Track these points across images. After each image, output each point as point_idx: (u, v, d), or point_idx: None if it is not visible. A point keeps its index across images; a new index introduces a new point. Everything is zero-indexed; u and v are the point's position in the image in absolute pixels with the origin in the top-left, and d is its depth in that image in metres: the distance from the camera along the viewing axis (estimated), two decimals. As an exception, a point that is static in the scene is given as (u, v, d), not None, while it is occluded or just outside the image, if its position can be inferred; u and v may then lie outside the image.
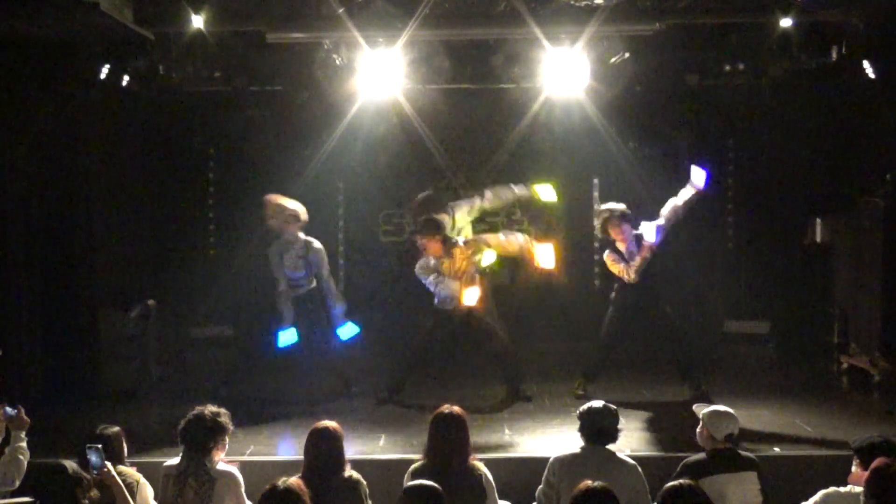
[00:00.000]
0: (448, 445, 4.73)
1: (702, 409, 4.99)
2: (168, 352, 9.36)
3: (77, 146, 8.48)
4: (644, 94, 9.22)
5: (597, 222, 7.81)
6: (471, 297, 7.44)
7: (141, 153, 9.72)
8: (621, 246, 7.61)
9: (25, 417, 5.06)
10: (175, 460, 4.91)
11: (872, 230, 8.71)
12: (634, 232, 7.59)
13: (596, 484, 3.82)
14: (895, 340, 8.33)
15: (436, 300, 7.63)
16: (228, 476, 4.85)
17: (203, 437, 4.84)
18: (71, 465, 5.01)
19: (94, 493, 4.82)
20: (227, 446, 4.98)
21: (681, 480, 3.94)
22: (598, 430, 4.86)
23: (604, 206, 7.79)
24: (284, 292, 7.79)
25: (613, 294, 7.79)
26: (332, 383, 8.13)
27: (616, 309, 7.75)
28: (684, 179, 7.63)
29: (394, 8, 7.54)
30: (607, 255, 7.67)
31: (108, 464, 4.76)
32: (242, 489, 4.87)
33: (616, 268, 7.58)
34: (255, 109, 9.68)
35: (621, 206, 7.66)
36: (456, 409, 4.87)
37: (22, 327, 7.86)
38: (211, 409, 4.94)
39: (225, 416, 4.95)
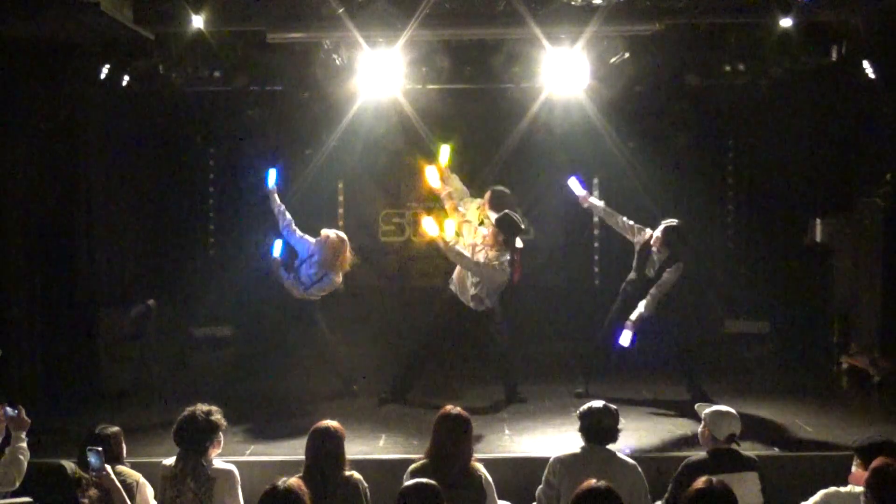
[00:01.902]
0: (451, 446, 4.73)
1: (704, 409, 4.99)
2: (168, 352, 9.36)
3: (77, 146, 8.49)
4: (644, 94, 9.20)
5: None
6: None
7: (141, 153, 9.71)
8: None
9: (26, 418, 5.05)
10: (171, 459, 4.90)
11: (872, 230, 8.70)
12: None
13: (599, 483, 3.80)
14: (895, 340, 8.33)
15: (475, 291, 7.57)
16: (228, 474, 4.85)
17: (197, 437, 4.84)
18: (70, 465, 5.01)
19: (93, 492, 4.81)
20: (221, 443, 4.97)
21: (712, 479, 3.83)
22: (598, 429, 4.87)
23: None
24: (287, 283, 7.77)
25: (623, 285, 7.84)
26: (333, 383, 8.14)
27: (622, 300, 7.78)
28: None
29: (394, 8, 7.51)
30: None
31: (108, 467, 4.75)
32: (239, 486, 4.87)
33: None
34: (255, 109, 9.66)
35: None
36: (461, 410, 4.87)
37: (22, 327, 7.86)
38: (202, 407, 4.93)
39: (217, 414, 4.94)
